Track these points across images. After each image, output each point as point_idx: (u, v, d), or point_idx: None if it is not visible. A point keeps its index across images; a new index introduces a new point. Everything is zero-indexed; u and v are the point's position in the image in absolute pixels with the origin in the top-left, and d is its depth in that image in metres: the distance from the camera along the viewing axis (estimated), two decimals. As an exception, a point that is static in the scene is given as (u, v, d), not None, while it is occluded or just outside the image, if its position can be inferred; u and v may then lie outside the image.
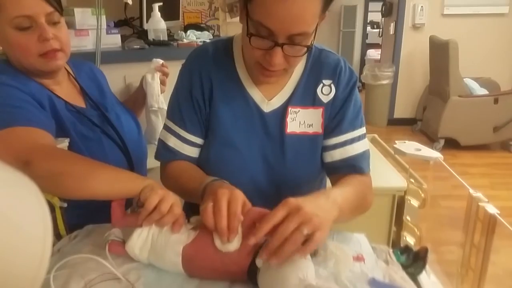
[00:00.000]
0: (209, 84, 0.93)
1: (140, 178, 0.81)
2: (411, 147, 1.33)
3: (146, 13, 1.97)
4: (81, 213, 0.90)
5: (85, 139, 1.03)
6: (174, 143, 0.96)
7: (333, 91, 0.93)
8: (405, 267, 0.78)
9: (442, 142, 3.87)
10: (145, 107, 1.43)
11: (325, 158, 0.96)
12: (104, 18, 1.68)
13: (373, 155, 1.04)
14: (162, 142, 0.99)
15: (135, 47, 1.74)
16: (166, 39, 1.88)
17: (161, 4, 1.85)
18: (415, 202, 1.37)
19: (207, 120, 0.95)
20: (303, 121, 0.93)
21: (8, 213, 0.42)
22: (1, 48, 1.00)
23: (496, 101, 3.70)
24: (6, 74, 0.96)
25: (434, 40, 3.97)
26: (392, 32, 4.56)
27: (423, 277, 0.78)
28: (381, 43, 5.22)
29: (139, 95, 1.42)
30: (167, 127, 0.98)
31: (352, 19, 6.47)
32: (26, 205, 0.45)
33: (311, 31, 0.77)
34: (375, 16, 6.59)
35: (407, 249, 0.82)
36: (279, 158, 0.94)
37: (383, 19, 4.98)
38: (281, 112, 0.93)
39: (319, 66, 0.94)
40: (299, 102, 0.93)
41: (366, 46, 6.91)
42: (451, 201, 2.70)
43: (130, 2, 1.87)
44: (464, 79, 3.83)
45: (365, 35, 6.87)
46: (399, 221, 1.46)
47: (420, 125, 4.45)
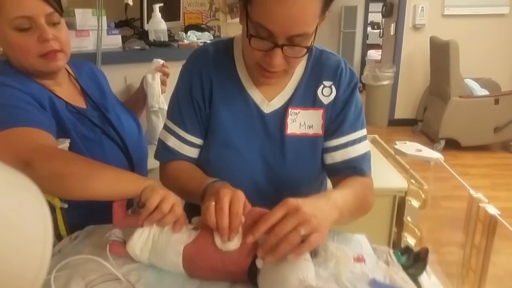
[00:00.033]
0: (209, 84, 0.93)
1: (141, 178, 0.81)
2: (411, 147, 1.33)
3: (146, 13, 1.97)
4: (81, 214, 0.90)
5: (85, 139, 1.03)
6: (173, 143, 0.96)
7: (334, 92, 0.93)
8: (405, 268, 0.77)
9: (442, 142, 3.87)
10: (146, 107, 1.43)
11: (326, 159, 0.96)
12: (104, 18, 1.68)
13: (374, 156, 1.04)
14: (161, 142, 0.99)
15: (136, 47, 1.74)
16: (166, 39, 1.88)
17: (162, 5, 1.85)
18: (415, 202, 1.37)
19: (207, 120, 0.95)
20: (303, 122, 0.93)
21: (8, 214, 0.42)
22: (1, 49, 1.00)
23: (496, 102, 3.70)
24: (6, 74, 0.97)
25: (434, 40, 3.97)
26: (392, 32, 4.56)
27: (423, 278, 0.78)
28: (381, 44, 5.22)
29: (139, 96, 1.42)
30: (167, 127, 0.98)
31: (352, 19, 6.47)
32: (26, 206, 0.45)
33: (311, 32, 0.77)
34: (376, 16, 6.59)
35: (407, 249, 0.82)
36: (279, 159, 0.94)
37: (384, 19, 4.97)
38: (281, 113, 0.93)
39: (319, 67, 0.94)
40: (299, 103, 0.93)
41: (366, 46, 6.91)
42: (452, 202, 2.70)
43: (130, 3, 1.87)
44: (464, 80, 3.83)
45: (365, 36, 6.86)
46: (399, 222, 1.46)
47: (420, 126, 4.45)
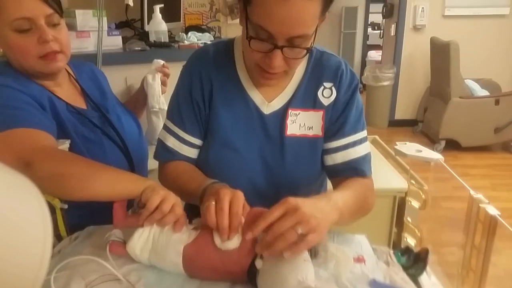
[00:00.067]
0: (209, 85, 0.93)
1: (141, 179, 0.81)
2: (412, 148, 1.33)
3: (147, 14, 1.97)
4: (81, 214, 0.90)
5: (86, 140, 1.03)
6: (172, 143, 0.96)
7: (334, 94, 0.93)
8: (405, 268, 0.77)
9: (443, 143, 3.86)
10: (146, 108, 1.43)
11: (326, 161, 0.96)
12: (105, 19, 1.68)
13: (374, 157, 1.04)
14: (161, 142, 0.99)
15: (136, 48, 1.74)
16: (167, 40, 1.88)
17: (162, 5, 1.85)
18: (415, 203, 1.37)
19: (207, 121, 0.95)
20: (303, 124, 0.93)
21: (8, 215, 0.42)
22: (1, 50, 1.00)
23: (497, 102, 3.70)
24: (6, 75, 0.97)
25: (435, 41, 3.96)
26: (393, 33, 4.56)
27: (423, 278, 0.78)
28: (382, 45, 5.23)
29: (140, 96, 1.42)
30: (166, 127, 0.98)
31: (353, 20, 6.47)
32: (26, 206, 0.45)
33: (310, 33, 0.77)
34: (376, 17, 6.60)
35: (407, 250, 0.82)
36: (279, 160, 0.94)
37: (384, 20, 4.98)
38: (281, 114, 0.93)
39: (320, 68, 0.93)
40: (299, 104, 0.93)
41: (367, 47, 6.90)
42: (452, 202, 2.70)
43: (131, 3, 1.87)
44: (465, 80, 3.83)
45: (366, 37, 6.86)
46: (399, 222, 1.46)
47: (421, 127, 4.44)
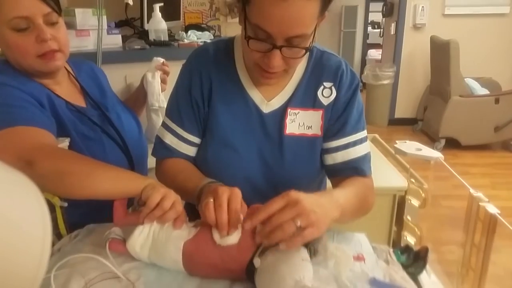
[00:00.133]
0: (209, 84, 0.93)
1: (141, 177, 0.81)
2: (411, 147, 1.33)
3: (147, 13, 1.97)
4: (81, 213, 0.90)
5: (85, 138, 1.03)
6: (170, 140, 0.96)
7: (334, 93, 0.93)
8: (405, 267, 0.77)
9: (443, 142, 3.87)
10: (146, 106, 1.43)
11: (326, 160, 0.96)
12: (105, 18, 1.68)
13: (374, 155, 1.04)
14: (159, 139, 0.99)
15: (136, 47, 1.74)
16: (167, 39, 1.88)
17: (162, 4, 1.85)
18: (415, 202, 1.37)
19: (205, 120, 0.95)
20: (303, 123, 0.93)
21: (7, 213, 0.42)
22: (0, 49, 1.00)
23: (497, 101, 3.70)
24: (5, 74, 0.96)
25: (435, 40, 3.96)
26: (393, 32, 4.56)
27: (423, 277, 0.78)
28: (382, 43, 5.22)
29: (139, 94, 1.42)
30: (165, 125, 0.99)
31: (353, 19, 6.46)
32: (25, 205, 0.45)
33: (309, 33, 0.77)
34: (376, 16, 6.59)
35: (407, 248, 0.82)
36: (277, 159, 0.94)
37: (384, 19, 4.97)
38: (281, 113, 0.93)
39: (320, 68, 0.93)
40: (299, 103, 0.92)
41: (367, 46, 6.90)
42: (452, 201, 2.70)
43: (131, 2, 1.87)
44: (465, 79, 3.82)
45: (366, 35, 6.86)
46: (399, 221, 1.46)
47: (421, 125, 4.44)
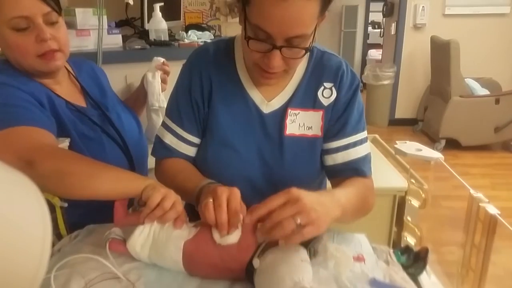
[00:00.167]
0: (209, 84, 0.93)
1: (141, 178, 0.81)
2: (412, 147, 1.32)
3: (147, 13, 1.97)
4: (81, 213, 0.90)
5: (85, 138, 1.03)
6: (170, 140, 0.96)
7: (334, 94, 0.93)
8: (405, 268, 0.77)
9: (443, 142, 3.86)
10: (146, 105, 1.43)
11: (326, 161, 0.95)
12: (105, 18, 1.68)
13: (374, 156, 1.04)
14: (158, 138, 0.99)
15: (136, 47, 1.74)
16: (167, 39, 1.88)
17: (162, 4, 1.85)
18: (415, 202, 1.37)
19: (205, 120, 0.95)
20: (303, 123, 0.93)
21: (7, 214, 0.42)
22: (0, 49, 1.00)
23: (497, 102, 3.70)
24: (5, 74, 0.96)
25: (435, 40, 3.96)
26: (393, 32, 4.55)
27: (423, 277, 0.78)
28: (382, 43, 5.22)
29: (140, 94, 1.42)
30: (164, 124, 0.99)
31: (353, 19, 6.46)
32: (25, 205, 0.45)
33: (309, 33, 0.77)
34: (376, 16, 6.58)
35: (407, 249, 0.82)
36: (277, 159, 0.94)
37: (384, 19, 4.97)
38: (281, 113, 0.92)
39: (320, 68, 0.93)
40: (299, 104, 0.92)
41: (367, 46, 6.89)
42: (452, 202, 2.70)
43: (131, 2, 1.87)
44: (465, 79, 3.82)
45: (366, 35, 6.85)
46: (399, 222, 1.46)
47: (421, 126, 4.44)
